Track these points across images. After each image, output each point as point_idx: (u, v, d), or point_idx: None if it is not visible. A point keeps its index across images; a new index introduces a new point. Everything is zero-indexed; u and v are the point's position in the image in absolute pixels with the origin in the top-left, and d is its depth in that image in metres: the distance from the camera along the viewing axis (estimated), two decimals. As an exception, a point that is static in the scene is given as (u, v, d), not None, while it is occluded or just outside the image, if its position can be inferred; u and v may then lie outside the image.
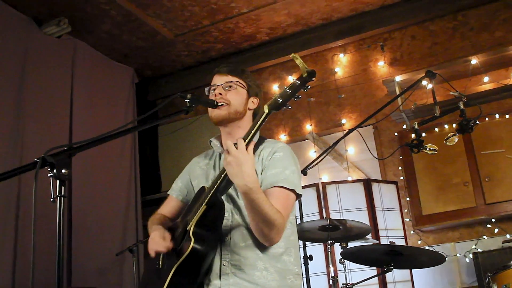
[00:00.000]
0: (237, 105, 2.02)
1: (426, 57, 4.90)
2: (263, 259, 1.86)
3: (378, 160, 4.75)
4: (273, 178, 1.88)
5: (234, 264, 1.86)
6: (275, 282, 1.85)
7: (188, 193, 2.18)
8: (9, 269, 3.88)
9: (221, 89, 2.02)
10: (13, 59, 4.32)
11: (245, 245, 1.87)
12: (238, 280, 1.83)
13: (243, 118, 2.06)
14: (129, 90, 5.58)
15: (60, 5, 4.55)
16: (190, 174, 2.20)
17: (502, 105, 4.43)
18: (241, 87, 2.05)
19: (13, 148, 4.15)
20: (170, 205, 2.22)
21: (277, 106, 1.69)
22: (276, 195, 1.84)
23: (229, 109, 1.99)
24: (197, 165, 2.20)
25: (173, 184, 2.26)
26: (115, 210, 5.01)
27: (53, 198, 1.44)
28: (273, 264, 1.88)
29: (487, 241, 4.28)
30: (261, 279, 1.83)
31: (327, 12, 5.05)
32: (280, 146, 2.02)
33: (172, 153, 5.84)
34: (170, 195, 2.24)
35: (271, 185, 1.87)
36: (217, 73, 2.09)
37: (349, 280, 3.63)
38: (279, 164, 1.92)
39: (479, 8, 4.77)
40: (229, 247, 1.88)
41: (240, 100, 2.03)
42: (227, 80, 2.04)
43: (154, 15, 4.85)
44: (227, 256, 1.87)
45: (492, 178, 4.10)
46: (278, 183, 1.86)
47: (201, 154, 2.25)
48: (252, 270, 1.84)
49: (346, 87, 5.15)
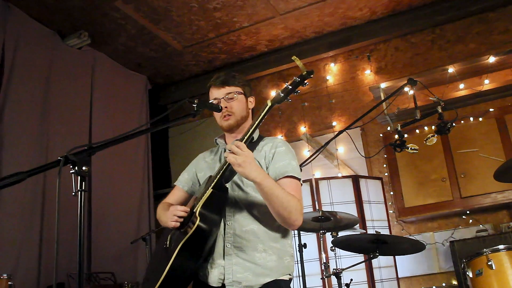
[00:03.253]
0: (240, 111, 2.05)
1: (408, 66, 4.90)
2: (263, 242, 1.88)
3: (365, 158, 4.75)
4: (283, 169, 1.90)
5: (236, 246, 1.87)
6: (273, 262, 1.87)
7: (193, 185, 2.19)
8: (36, 255, 3.89)
9: (223, 102, 2.03)
10: (39, 68, 4.33)
11: (247, 230, 1.88)
12: (240, 260, 1.85)
13: (247, 119, 2.10)
14: (143, 96, 5.58)
15: (81, 19, 4.55)
16: (196, 168, 2.20)
17: (476, 109, 4.43)
18: (239, 94, 2.06)
19: (39, 148, 4.15)
20: (176, 195, 2.21)
21: (279, 99, 1.72)
22: (288, 184, 1.87)
23: (235, 117, 2.03)
24: (202, 159, 2.21)
25: (180, 176, 2.25)
26: (130, 202, 5.01)
27: (74, 192, 1.44)
28: (272, 245, 1.89)
29: (462, 230, 4.27)
30: (260, 260, 1.85)
31: (319, 26, 5.04)
32: (280, 141, 2.04)
33: (181, 152, 5.84)
34: (176, 185, 2.24)
35: (282, 175, 1.89)
36: (213, 86, 2.07)
37: (339, 266, 3.62)
38: (285, 157, 1.95)
39: (455, 22, 4.77)
40: (232, 231, 1.88)
41: (242, 106, 2.06)
42: (226, 92, 2.04)
43: (165, 29, 4.84)
44: (230, 238, 1.87)
45: (467, 174, 4.10)
46: (288, 173, 1.89)
47: (206, 151, 2.26)
48: (253, 252, 1.86)
49: (337, 93, 5.14)
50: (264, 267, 1.85)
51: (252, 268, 1.84)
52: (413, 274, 4.40)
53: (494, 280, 2.85)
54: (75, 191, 1.44)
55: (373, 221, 4.19)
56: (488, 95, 4.38)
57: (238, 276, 1.82)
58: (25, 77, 4.15)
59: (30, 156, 4.04)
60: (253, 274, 1.83)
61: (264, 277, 1.84)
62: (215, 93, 2.06)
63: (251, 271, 1.83)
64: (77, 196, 1.44)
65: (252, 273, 1.83)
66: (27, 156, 4.01)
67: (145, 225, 5.07)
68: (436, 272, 4.31)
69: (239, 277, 1.82)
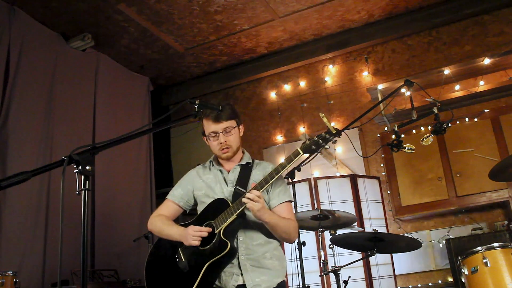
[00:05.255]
0: (236, 143, 2.25)
1: (405, 68, 4.90)
2: (268, 251, 2.18)
3: (362, 158, 4.75)
4: (280, 196, 2.22)
5: (249, 258, 2.13)
6: (279, 266, 2.20)
7: (188, 201, 2.34)
8: (41, 252, 3.88)
9: (222, 136, 2.19)
10: (44, 70, 4.32)
11: (255, 244, 2.16)
12: (255, 268, 2.13)
13: (240, 147, 2.30)
14: (145, 97, 5.58)
15: (84, 22, 4.55)
16: (193, 186, 2.33)
17: (471, 110, 4.43)
18: (234, 127, 2.22)
19: (44, 147, 4.15)
20: (170, 208, 2.35)
21: (310, 150, 2.02)
22: (285, 208, 2.22)
23: (233, 150, 2.23)
24: (198, 178, 2.33)
25: (173, 191, 2.37)
26: (133, 201, 5.00)
27: (78, 191, 1.44)
28: (275, 253, 2.21)
29: (458, 229, 4.28)
30: (270, 265, 2.16)
31: (318, 29, 5.04)
32: (271, 166, 2.26)
33: (183, 152, 5.84)
34: (169, 199, 2.36)
35: (282, 201, 2.21)
36: (210, 119, 2.18)
37: (338, 263, 3.62)
38: (281, 182, 2.25)
39: (451, 25, 4.78)
40: (244, 245, 2.15)
41: (237, 138, 2.26)
42: (224, 126, 2.18)
43: (167, 31, 4.84)
44: (243, 251, 2.13)
45: (463, 173, 4.10)
46: (286, 199, 2.23)
47: (198, 167, 2.40)
48: (263, 260, 2.15)
49: (335, 94, 5.14)
50: (274, 270, 2.16)
51: (266, 273, 2.13)
52: (409, 272, 4.40)
53: (489, 277, 2.85)
54: (78, 190, 1.44)
55: (370, 219, 4.19)
56: (483, 96, 4.38)
57: (257, 280, 2.10)
58: (30, 78, 4.15)
59: (35, 156, 4.04)
60: (269, 277, 2.13)
61: (277, 278, 2.15)
62: (212, 126, 2.18)
63: (266, 275, 2.13)
64: (80, 195, 1.44)
65: (268, 276, 2.12)
66: (32, 156, 4.01)
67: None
68: (432, 270, 4.31)
69: (257, 281, 2.10)
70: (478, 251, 2.94)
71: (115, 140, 1.65)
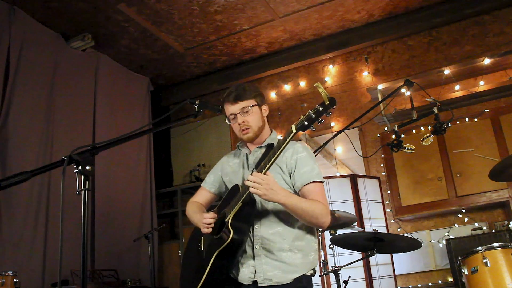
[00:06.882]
0: (256, 123, 2.11)
1: (405, 68, 4.90)
2: (288, 242, 1.98)
3: (362, 158, 4.75)
4: (307, 176, 2.00)
5: (264, 248, 1.98)
6: (299, 259, 1.99)
7: (219, 187, 2.30)
8: (41, 252, 3.88)
9: (240, 117, 2.08)
10: (44, 70, 4.32)
11: (272, 232, 1.99)
12: (269, 260, 1.97)
13: (264, 128, 2.15)
14: (145, 97, 5.58)
15: (84, 22, 4.55)
16: (221, 171, 2.28)
17: (471, 110, 4.43)
18: (253, 106, 2.10)
19: (44, 147, 4.15)
20: (203, 196, 2.32)
21: (303, 127, 1.75)
22: (313, 189, 1.98)
23: (253, 130, 2.10)
24: (227, 164, 2.27)
25: (206, 178, 2.35)
26: (133, 201, 5.00)
27: (78, 191, 1.44)
28: (297, 244, 2.00)
29: (458, 229, 4.28)
30: (287, 258, 1.97)
31: (318, 29, 5.04)
32: (299, 146, 2.12)
33: (183, 152, 5.83)
34: (203, 186, 2.34)
35: (307, 181, 1.99)
36: (227, 102, 2.11)
37: (338, 263, 3.61)
38: (307, 162, 2.04)
39: (451, 25, 4.77)
40: (259, 234, 2.00)
41: (258, 118, 2.11)
42: (240, 107, 2.08)
43: (167, 31, 4.84)
44: (258, 241, 1.99)
45: (463, 173, 4.10)
46: (313, 179, 2.00)
47: (229, 154, 2.33)
48: (279, 252, 1.97)
49: (335, 94, 5.13)
50: (292, 264, 1.96)
51: (281, 267, 1.95)
52: (409, 272, 4.40)
53: (489, 277, 2.85)
54: (78, 190, 1.44)
55: (370, 219, 4.19)
56: (483, 96, 4.38)
57: (269, 274, 1.95)
58: (30, 78, 4.15)
59: (35, 156, 4.04)
60: (282, 271, 1.95)
61: (292, 273, 1.95)
62: (230, 109, 2.11)
63: (280, 269, 1.95)
64: (80, 195, 1.44)
65: (281, 271, 1.95)
66: (32, 156, 4.01)
67: (148, 224, 5.06)
68: (432, 270, 4.31)
69: (269, 275, 1.94)
70: (478, 251, 2.93)
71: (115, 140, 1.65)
